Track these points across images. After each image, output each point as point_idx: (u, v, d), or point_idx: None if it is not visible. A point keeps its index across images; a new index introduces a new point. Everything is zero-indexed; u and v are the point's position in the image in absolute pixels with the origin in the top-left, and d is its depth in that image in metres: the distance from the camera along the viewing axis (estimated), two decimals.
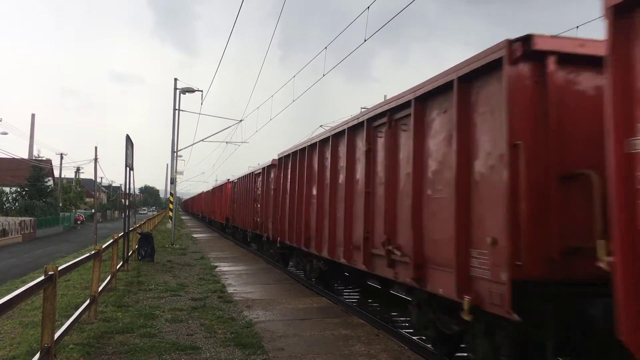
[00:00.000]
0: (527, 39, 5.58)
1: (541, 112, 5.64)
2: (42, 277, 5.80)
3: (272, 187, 18.40)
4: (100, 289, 10.01)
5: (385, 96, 33.75)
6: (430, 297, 7.31)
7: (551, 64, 5.64)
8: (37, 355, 5.69)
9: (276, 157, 17.85)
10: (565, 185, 5.52)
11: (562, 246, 5.43)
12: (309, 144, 13.45)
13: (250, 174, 25.00)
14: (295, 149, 14.81)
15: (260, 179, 21.79)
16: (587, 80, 5.78)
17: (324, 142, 12.34)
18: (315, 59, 16.69)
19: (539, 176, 5.53)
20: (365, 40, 12.42)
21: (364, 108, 33.45)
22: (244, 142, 38.95)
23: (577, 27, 12.07)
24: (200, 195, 72.47)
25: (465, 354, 7.45)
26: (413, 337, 8.97)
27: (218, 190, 41.06)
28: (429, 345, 8.30)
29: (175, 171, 29.99)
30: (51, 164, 72.57)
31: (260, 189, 21.65)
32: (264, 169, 20.92)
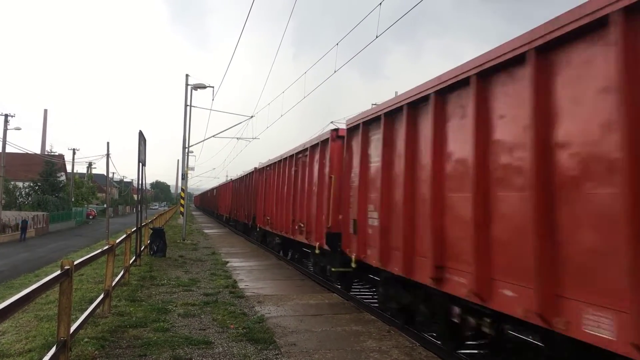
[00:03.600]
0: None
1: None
2: (59, 272, 5.87)
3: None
4: (113, 283, 10.12)
5: (396, 92, 33.64)
6: None
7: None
8: (54, 349, 5.75)
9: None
10: None
11: None
12: None
13: None
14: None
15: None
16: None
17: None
18: (328, 56, 16.74)
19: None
20: (377, 37, 12.42)
21: (374, 104, 33.35)
22: (255, 138, 38.92)
23: None
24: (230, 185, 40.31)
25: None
26: (424, 334, 8.98)
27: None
28: (439, 342, 8.32)
29: (187, 167, 30.12)
30: (64, 159, 73.27)
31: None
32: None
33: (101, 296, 9.01)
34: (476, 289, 6.25)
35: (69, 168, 73.78)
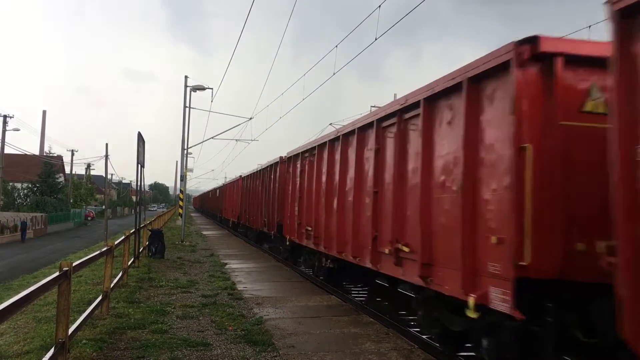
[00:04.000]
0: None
1: None
2: (57, 273, 5.87)
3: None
4: (112, 285, 10.11)
5: (395, 95, 33.67)
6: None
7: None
8: (52, 350, 5.75)
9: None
10: None
11: None
12: None
13: None
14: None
15: None
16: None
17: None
18: (327, 58, 16.63)
19: None
20: (375, 39, 12.44)
21: (374, 107, 33.47)
22: (254, 139, 38.94)
23: (589, 26, 11.93)
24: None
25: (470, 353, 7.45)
26: (423, 336, 8.97)
27: None
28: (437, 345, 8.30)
29: (185, 168, 30.12)
30: (62, 160, 73.17)
31: None
32: None
33: (99, 298, 9.00)
34: None
35: (67, 169, 73.73)
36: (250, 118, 31.80)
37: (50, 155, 66.54)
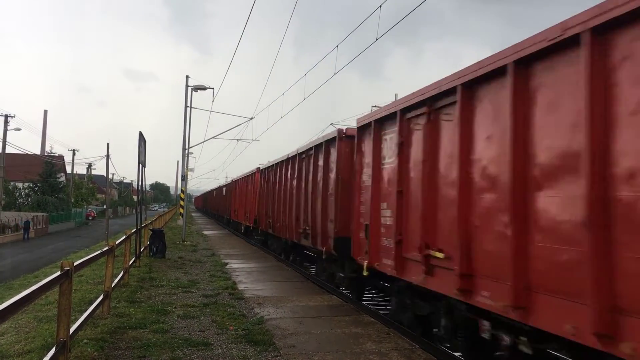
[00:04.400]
0: None
1: None
2: (59, 273, 5.87)
3: None
4: (113, 284, 10.13)
5: (396, 95, 33.68)
6: None
7: None
8: (53, 350, 5.75)
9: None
10: None
11: None
12: None
13: None
14: None
15: None
16: None
17: None
18: (328, 58, 16.53)
19: None
20: (377, 39, 12.42)
21: (375, 107, 33.43)
22: (255, 139, 38.89)
23: None
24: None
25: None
26: (423, 338, 8.97)
27: None
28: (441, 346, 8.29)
29: (187, 168, 30.14)
30: (63, 160, 73.30)
31: None
32: None
33: (101, 297, 9.02)
34: None
35: (68, 169, 73.91)
36: (251, 118, 31.82)
37: (52, 155, 66.64)
